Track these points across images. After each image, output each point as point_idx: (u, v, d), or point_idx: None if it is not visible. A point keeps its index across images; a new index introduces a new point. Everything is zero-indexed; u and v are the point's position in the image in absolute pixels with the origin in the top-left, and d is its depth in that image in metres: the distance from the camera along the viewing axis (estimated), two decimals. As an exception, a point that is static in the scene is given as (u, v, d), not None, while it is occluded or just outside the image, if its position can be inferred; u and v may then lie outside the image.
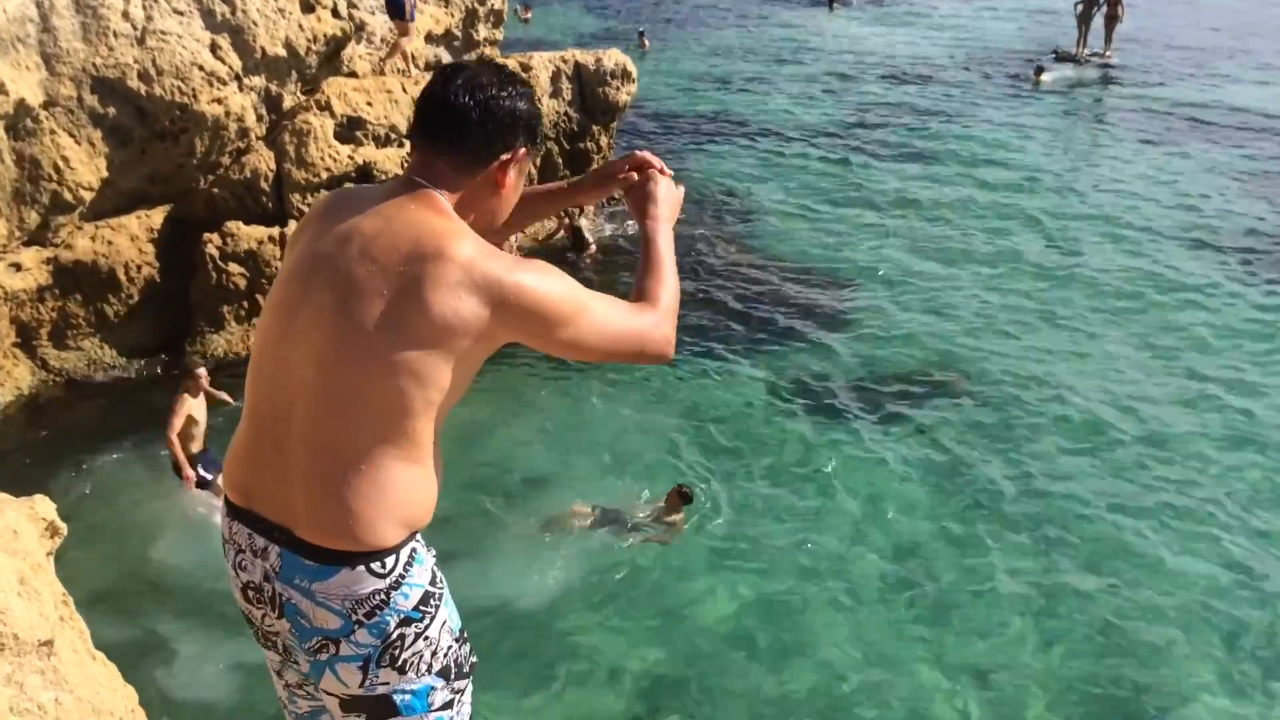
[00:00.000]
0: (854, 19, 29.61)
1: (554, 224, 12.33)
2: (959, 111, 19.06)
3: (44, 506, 3.24)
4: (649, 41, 24.35)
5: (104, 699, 2.83)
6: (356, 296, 1.91)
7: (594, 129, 12.67)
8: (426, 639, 2.00)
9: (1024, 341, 10.17)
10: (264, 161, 9.77)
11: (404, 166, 11.33)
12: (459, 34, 12.91)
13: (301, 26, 10.05)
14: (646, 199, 2.31)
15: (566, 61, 12.38)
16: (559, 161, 12.38)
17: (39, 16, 8.47)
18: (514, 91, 2.06)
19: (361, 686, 1.98)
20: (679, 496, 7.27)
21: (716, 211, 13.64)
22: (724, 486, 7.77)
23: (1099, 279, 11.66)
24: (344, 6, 10.85)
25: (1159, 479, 7.97)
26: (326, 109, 10.13)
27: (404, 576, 1.96)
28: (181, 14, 9.23)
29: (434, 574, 2.04)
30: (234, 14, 9.49)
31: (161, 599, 6.50)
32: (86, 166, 8.84)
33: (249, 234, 9.52)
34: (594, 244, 12.07)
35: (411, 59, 11.44)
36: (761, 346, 10.01)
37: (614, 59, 12.60)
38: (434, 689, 2.04)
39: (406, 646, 1.98)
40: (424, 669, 2.01)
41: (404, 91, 10.67)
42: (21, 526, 3.04)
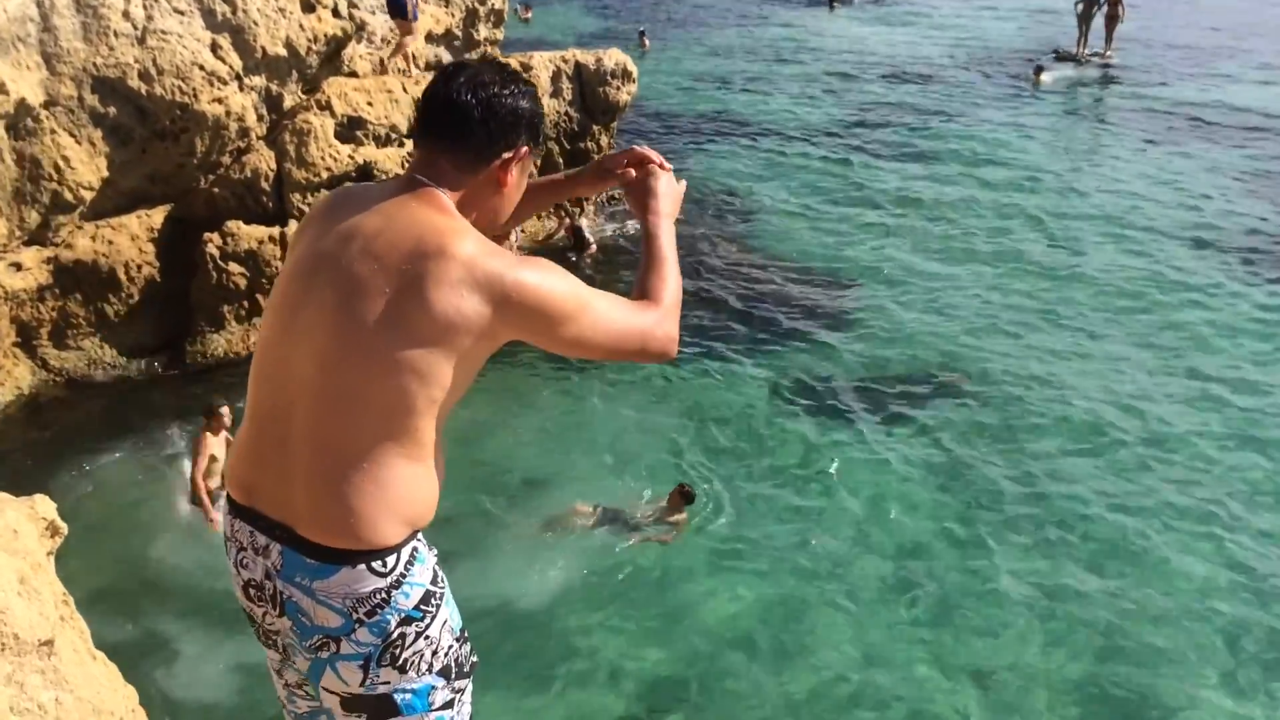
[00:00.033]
0: (854, 19, 29.61)
1: (555, 224, 12.33)
2: (960, 111, 19.05)
3: (44, 506, 3.23)
4: (649, 41, 24.34)
5: (104, 699, 2.82)
6: (358, 295, 1.91)
7: (594, 129, 12.66)
8: (427, 638, 2.00)
9: (1026, 341, 10.16)
10: (264, 161, 9.76)
11: (404, 166, 11.27)
12: (459, 34, 12.91)
13: (302, 26, 10.05)
14: (647, 194, 2.29)
15: (567, 61, 12.37)
16: (560, 161, 12.36)
17: (39, 16, 8.47)
18: (516, 90, 2.05)
19: (362, 685, 1.98)
20: (681, 496, 7.26)
21: (717, 211, 13.64)
22: (726, 486, 7.76)
23: (1101, 278, 11.65)
24: (344, 6, 10.85)
25: (1161, 479, 7.97)
26: (327, 109, 10.13)
27: (405, 575, 1.96)
28: (182, 14, 9.22)
29: (435, 573, 2.04)
30: (234, 14, 9.48)
31: (162, 598, 6.50)
32: (87, 166, 8.83)
33: (249, 234, 9.51)
34: (594, 243, 12.06)
35: (412, 59, 11.44)
36: (763, 346, 10.00)
37: (614, 59, 12.60)
38: (434, 688, 2.03)
39: (407, 645, 1.97)
40: (425, 668, 2.01)
41: (404, 91, 10.67)
42: (22, 526, 3.04)
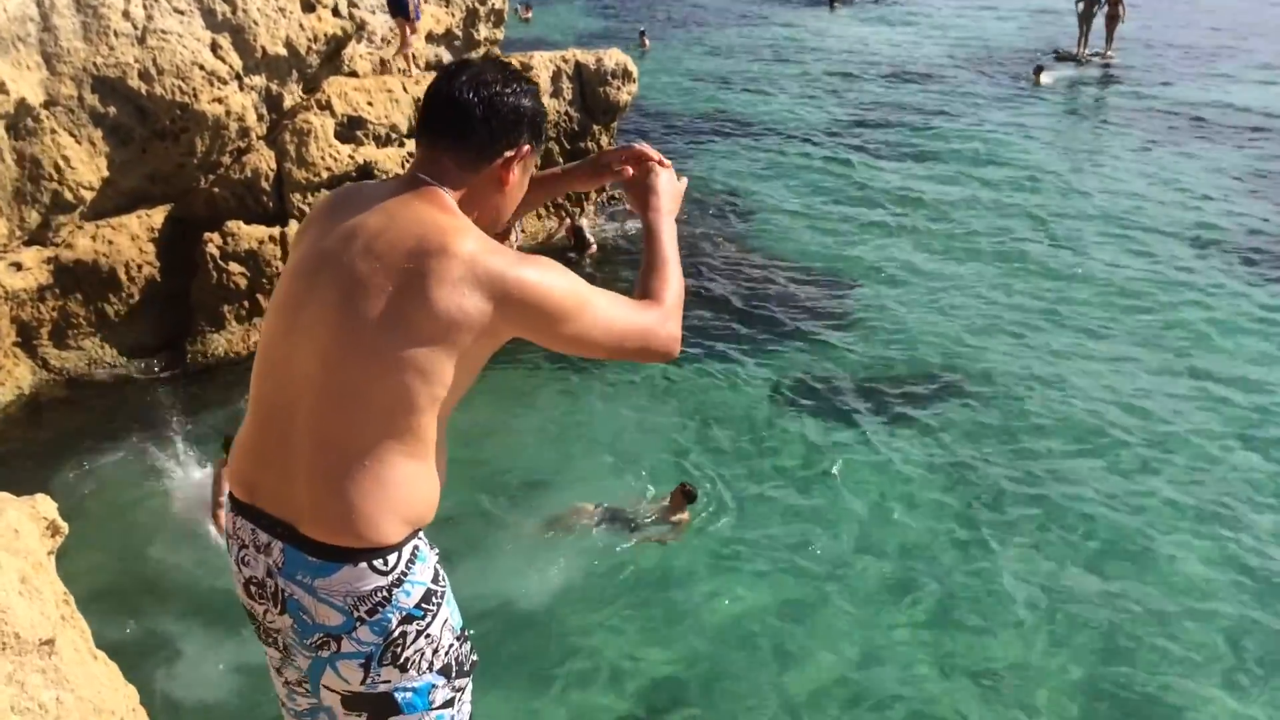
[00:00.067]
0: (855, 19, 29.61)
1: (555, 223, 12.33)
2: (961, 111, 19.05)
3: (45, 506, 3.23)
4: (649, 41, 24.35)
5: (105, 698, 2.82)
6: (361, 293, 1.91)
7: (595, 128, 12.66)
8: (428, 637, 2.00)
9: (1028, 341, 10.14)
10: (264, 161, 9.76)
11: (404, 166, 11.26)
12: (459, 33, 12.91)
13: (302, 26, 10.05)
14: (648, 191, 2.29)
15: (567, 61, 12.37)
16: (560, 161, 12.36)
17: (39, 16, 8.47)
18: (519, 88, 2.05)
19: (363, 684, 1.98)
20: (683, 495, 7.23)
21: (718, 210, 13.63)
22: (728, 486, 7.74)
23: (1103, 278, 11.63)
24: (344, 6, 10.85)
25: (1164, 479, 7.94)
26: (327, 108, 10.13)
27: (406, 574, 1.96)
28: (182, 13, 9.22)
29: (436, 572, 2.04)
30: (234, 13, 9.48)
31: (162, 598, 6.49)
32: (87, 166, 8.83)
33: (249, 233, 9.51)
34: (595, 243, 12.06)
35: (412, 59, 11.44)
36: (765, 346, 9.99)
37: (615, 58, 12.59)
38: (435, 687, 2.03)
39: (408, 644, 1.97)
40: (425, 667, 2.01)
41: (404, 91, 10.67)
42: (23, 526, 3.03)
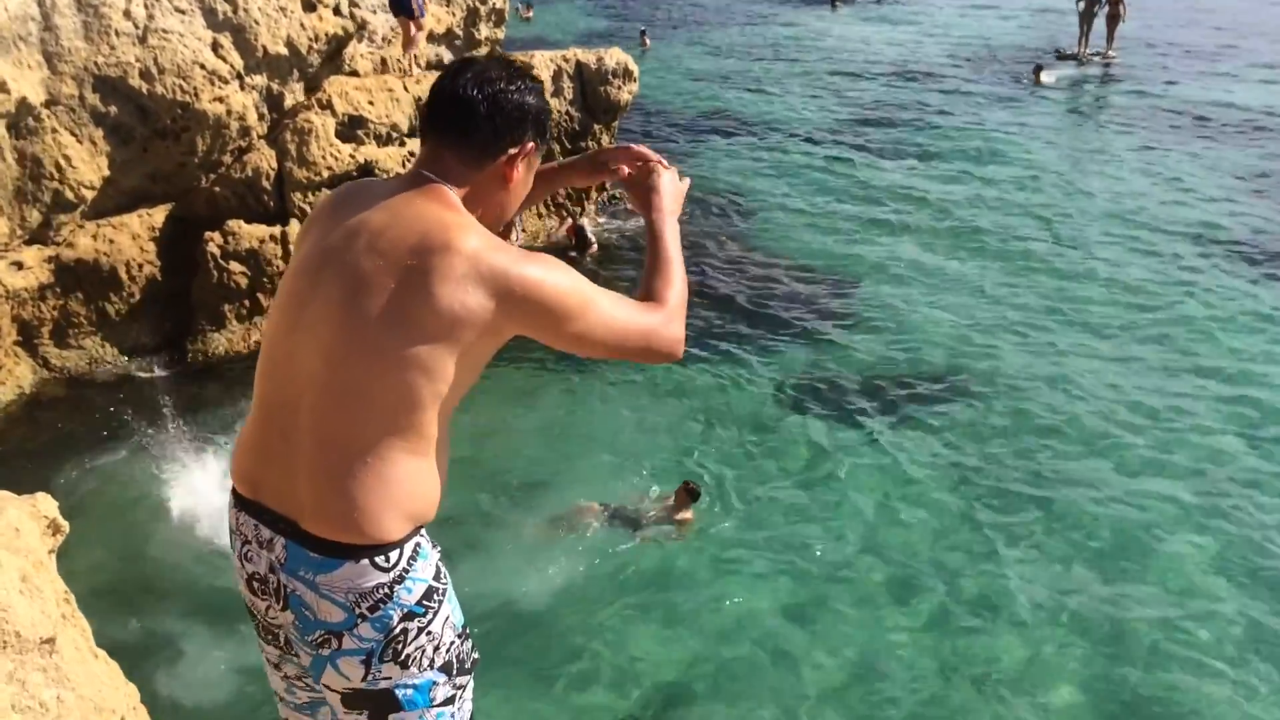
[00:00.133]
0: (856, 18, 29.62)
1: (556, 223, 12.33)
2: (963, 110, 19.04)
3: (46, 504, 3.23)
4: (650, 40, 24.35)
5: (106, 697, 2.82)
6: (364, 290, 1.91)
7: (595, 128, 12.66)
8: (429, 634, 2.00)
9: (1033, 340, 10.12)
10: (265, 160, 9.76)
11: (405, 166, 11.26)
12: (460, 33, 12.90)
13: (303, 25, 10.04)
14: (650, 192, 2.29)
15: (568, 60, 12.37)
16: (560, 160, 12.36)
17: (40, 15, 8.47)
18: (522, 86, 2.06)
19: (364, 681, 1.98)
20: (686, 493, 7.19)
21: (720, 210, 13.62)
22: (732, 486, 7.70)
23: (1107, 277, 11.61)
24: (345, 5, 10.84)
25: (1171, 480, 7.89)
26: (328, 108, 10.13)
27: (408, 571, 1.96)
28: (183, 13, 9.22)
29: (438, 569, 2.04)
30: (235, 13, 9.48)
31: (163, 597, 6.49)
32: (88, 165, 8.83)
33: (250, 233, 9.51)
34: (596, 242, 12.07)
35: (414, 58, 11.44)
36: (768, 345, 9.96)
37: (615, 58, 12.59)
38: (436, 684, 2.04)
39: (409, 641, 1.97)
40: (426, 664, 2.01)
41: (405, 91, 10.67)
42: (23, 524, 3.03)
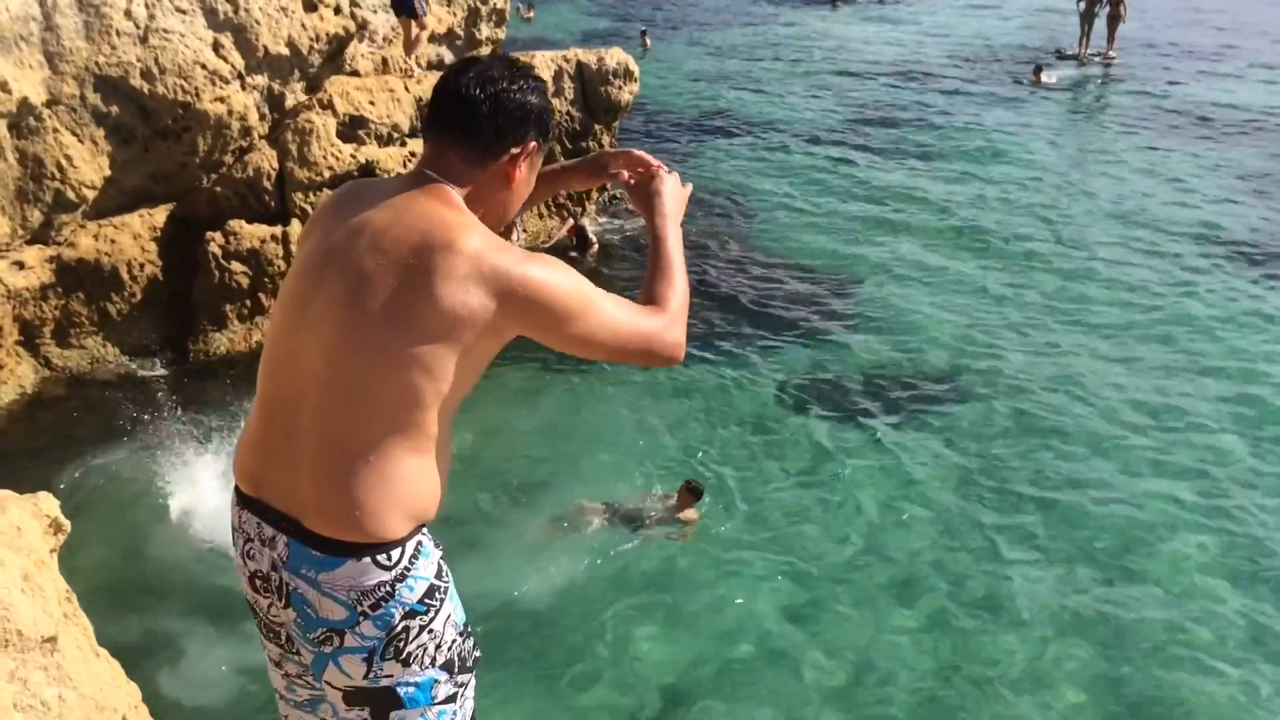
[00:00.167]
0: (857, 18, 29.61)
1: (557, 223, 12.33)
2: (964, 110, 19.04)
3: (47, 503, 3.23)
4: (651, 40, 24.35)
5: (107, 696, 2.83)
6: (367, 289, 1.92)
7: (596, 128, 12.66)
8: (431, 632, 2.01)
9: (1035, 339, 10.11)
10: (266, 160, 9.76)
11: (406, 166, 11.22)
12: (461, 33, 12.91)
13: (304, 25, 10.05)
14: (654, 196, 2.30)
15: (569, 60, 12.37)
16: (562, 160, 12.36)
17: (42, 15, 8.47)
18: (525, 85, 2.06)
19: (365, 678, 1.99)
20: (689, 492, 7.17)
21: (722, 210, 13.62)
22: (735, 487, 7.68)
23: (1110, 277, 11.60)
24: (346, 5, 10.85)
25: (1175, 480, 7.87)
26: (329, 108, 10.13)
27: (410, 569, 1.96)
28: (184, 13, 9.22)
29: (440, 567, 2.05)
30: (236, 13, 9.49)
31: (164, 596, 6.49)
32: (89, 165, 8.84)
33: (251, 233, 9.51)
34: (597, 242, 12.08)
35: (416, 59, 11.44)
36: (770, 344, 9.95)
37: (616, 58, 12.59)
38: (437, 682, 2.04)
39: (411, 639, 1.98)
40: (428, 662, 2.02)
41: (406, 91, 10.67)
42: (25, 523, 3.04)
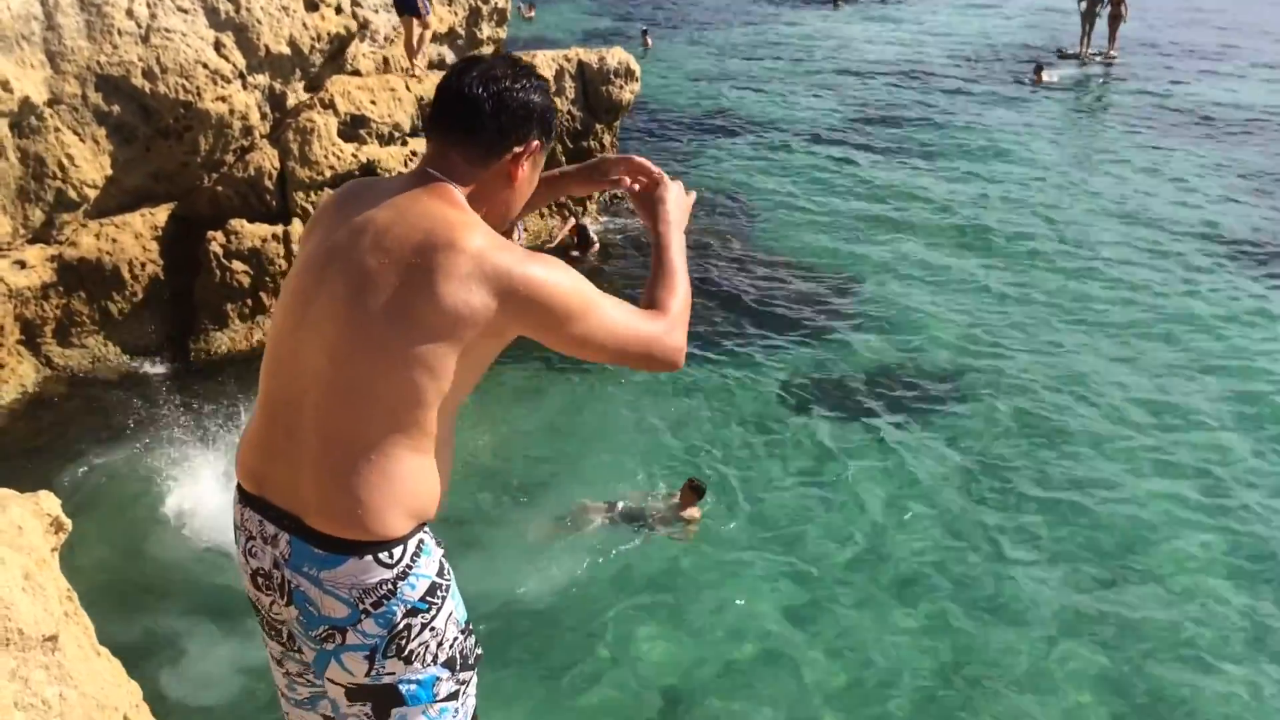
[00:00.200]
0: (858, 17, 29.60)
1: (558, 222, 12.33)
2: (966, 109, 19.03)
3: (49, 502, 3.23)
4: (652, 40, 24.35)
5: (108, 694, 2.83)
6: (369, 288, 1.92)
7: (597, 127, 12.66)
8: (433, 630, 2.01)
9: (1038, 338, 10.10)
10: (268, 160, 9.77)
11: (407, 165, 11.18)
12: (462, 32, 12.91)
13: (305, 25, 10.05)
14: (658, 204, 2.31)
15: (570, 60, 12.37)
16: (563, 160, 12.37)
17: (43, 14, 8.48)
18: (528, 84, 2.06)
19: (367, 676, 1.99)
20: (691, 490, 7.17)
21: (723, 209, 13.62)
22: (738, 486, 7.67)
23: (1113, 276, 11.59)
24: (347, 4, 10.85)
25: (1180, 479, 7.86)
26: (330, 107, 10.13)
27: (411, 567, 1.97)
28: (185, 12, 9.23)
29: (441, 565, 2.05)
30: (238, 12, 9.49)
31: (165, 595, 6.50)
32: (91, 164, 8.84)
33: (253, 232, 9.52)
34: (598, 242, 12.09)
35: (412, 58, 11.43)
36: (773, 344, 9.94)
37: (617, 57, 12.60)
38: (439, 679, 2.05)
39: (413, 637, 1.98)
40: (430, 659, 2.02)
41: (408, 90, 10.67)
42: (26, 522, 3.04)
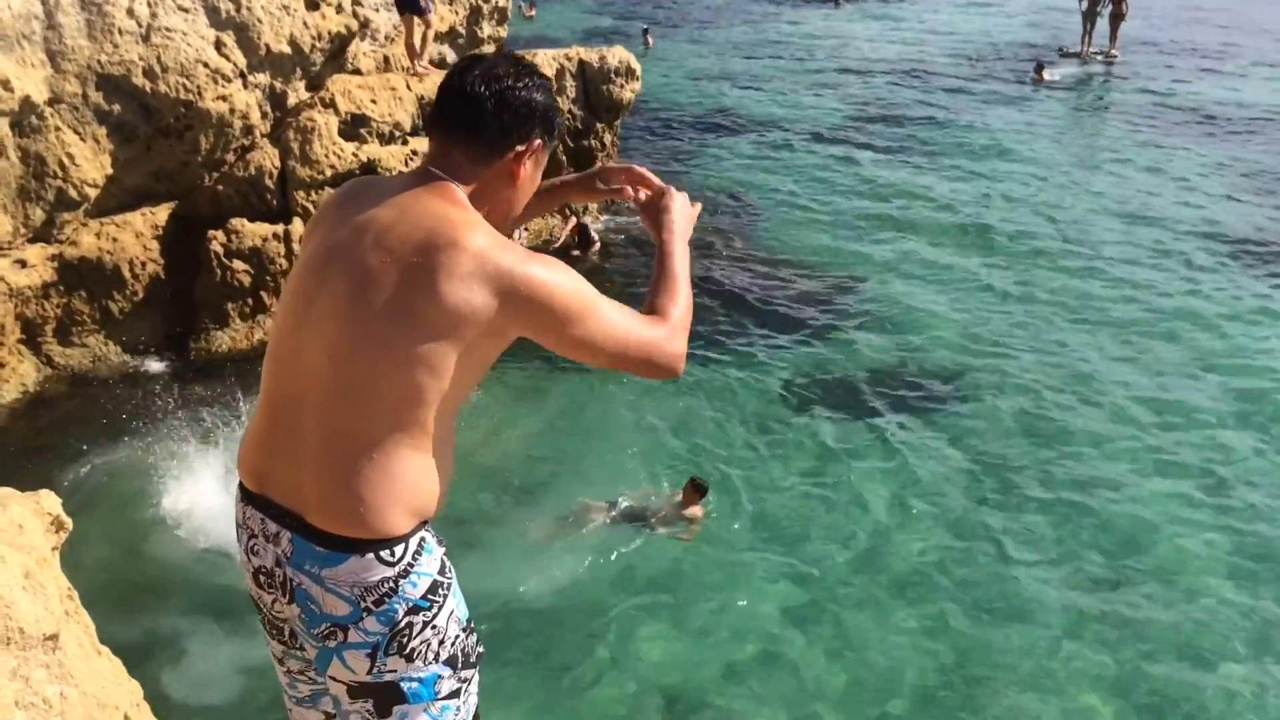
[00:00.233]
0: (859, 16, 29.60)
1: (560, 221, 12.33)
2: (967, 108, 19.03)
3: (49, 501, 3.23)
4: (653, 39, 24.35)
5: (109, 693, 2.83)
6: (371, 286, 1.92)
7: (598, 126, 12.66)
8: (434, 628, 2.01)
9: (1041, 338, 10.08)
10: (268, 159, 9.77)
11: (408, 164, 11.17)
12: (463, 31, 12.91)
13: (306, 24, 10.05)
14: (663, 213, 2.32)
15: (570, 59, 12.37)
16: (563, 159, 12.37)
17: (44, 13, 8.47)
18: (530, 83, 2.06)
19: (369, 673, 2.00)
20: (694, 489, 7.16)
21: (726, 209, 13.61)
22: (740, 486, 7.65)
23: (1115, 275, 11.57)
24: (348, 3, 10.85)
25: (1184, 478, 7.84)
26: (331, 106, 10.13)
27: (413, 565, 1.97)
28: (186, 11, 9.23)
29: (443, 563, 2.05)
30: (239, 11, 9.49)
31: (166, 594, 6.50)
32: (91, 163, 8.84)
33: (253, 231, 9.51)
34: (599, 241, 12.10)
35: (417, 58, 11.43)
36: (776, 344, 9.93)
37: (618, 56, 12.59)
38: (441, 677, 2.05)
39: (414, 635, 1.99)
40: (431, 657, 2.02)
41: (408, 89, 10.67)
42: (27, 521, 3.04)
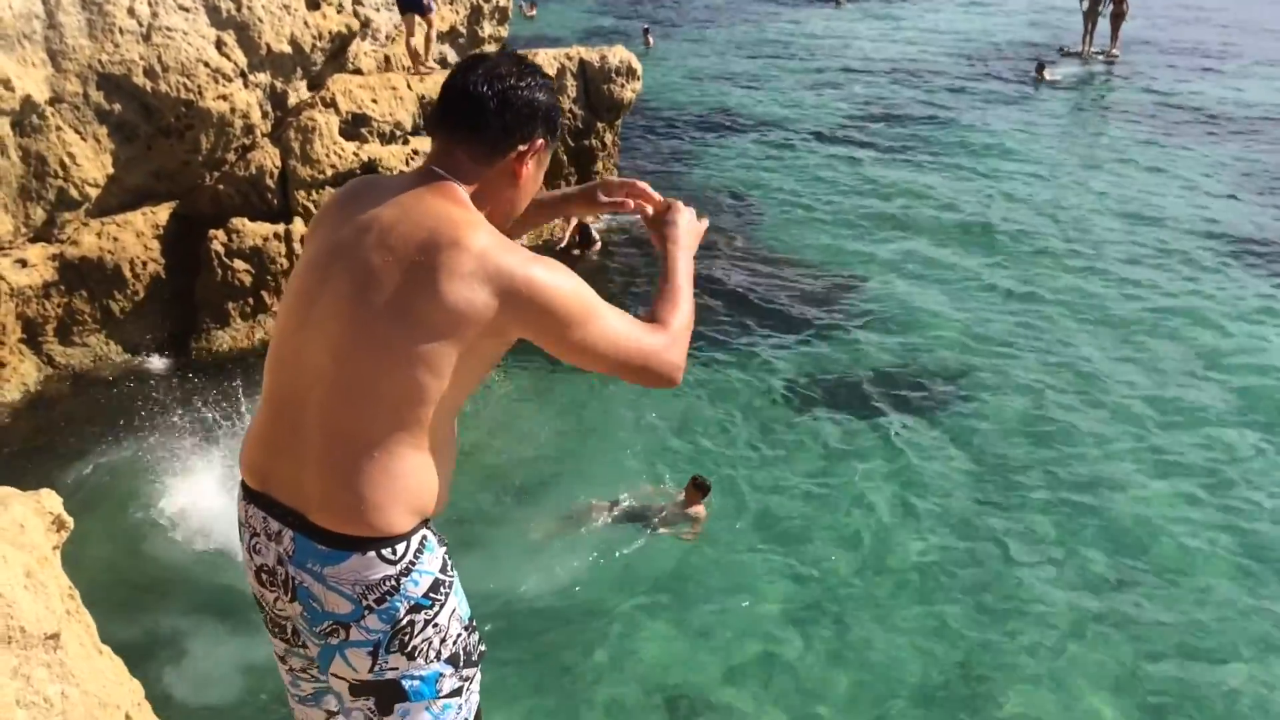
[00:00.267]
0: (861, 15, 29.60)
1: (561, 221, 12.34)
2: (969, 107, 19.02)
3: (50, 500, 3.23)
4: (653, 38, 24.35)
5: (110, 692, 2.83)
6: (373, 285, 1.93)
7: (599, 126, 12.66)
8: (436, 626, 2.02)
9: (1044, 337, 10.07)
10: (269, 158, 9.77)
11: (408, 164, 11.18)
12: (464, 31, 12.91)
13: (307, 23, 10.05)
14: (669, 227, 2.34)
15: (571, 58, 12.37)
16: (564, 159, 12.37)
17: (45, 13, 8.48)
18: (533, 82, 2.07)
19: (371, 671, 2.00)
20: (696, 488, 7.15)
21: (727, 209, 13.60)
22: (743, 486, 7.65)
23: (1117, 274, 11.56)
24: (349, 3, 10.85)
25: (1188, 477, 7.84)
26: (331, 106, 10.13)
27: (414, 563, 1.97)
28: (187, 10, 9.23)
29: (444, 562, 2.05)
30: (239, 10, 9.49)
31: (167, 594, 6.50)
32: (92, 163, 8.85)
33: (254, 230, 9.52)
34: (600, 241, 12.11)
35: (417, 57, 11.44)
36: (778, 343, 9.93)
37: (619, 56, 12.59)
38: (442, 675, 2.06)
39: (416, 633, 1.99)
40: (433, 655, 2.03)
41: (409, 89, 10.67)
42: (28, 520, 3.04)
